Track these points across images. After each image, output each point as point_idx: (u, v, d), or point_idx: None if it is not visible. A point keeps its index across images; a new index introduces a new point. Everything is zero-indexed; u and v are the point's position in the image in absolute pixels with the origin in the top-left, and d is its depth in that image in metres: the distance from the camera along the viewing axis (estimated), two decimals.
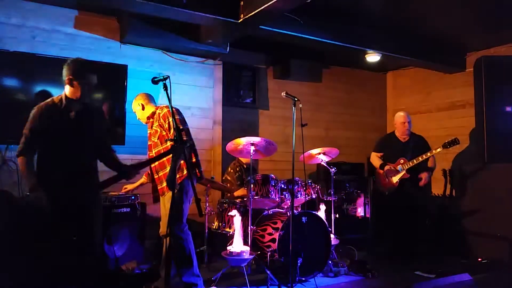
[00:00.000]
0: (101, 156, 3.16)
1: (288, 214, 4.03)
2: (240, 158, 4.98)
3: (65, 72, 2.93)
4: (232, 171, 5.02)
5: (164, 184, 3.48)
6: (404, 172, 4.74)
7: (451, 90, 6.27)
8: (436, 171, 5.21)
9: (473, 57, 5.65)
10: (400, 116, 4.99)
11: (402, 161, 4.76)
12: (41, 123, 2.86)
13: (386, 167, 4.86)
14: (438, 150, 4.59)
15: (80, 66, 2.95)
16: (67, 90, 2.95)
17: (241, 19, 4.17)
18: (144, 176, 4.00)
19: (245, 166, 5.01)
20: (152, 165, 3.56)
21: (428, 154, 4.64)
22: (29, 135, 2.86)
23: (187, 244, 3.48)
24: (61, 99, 2.95)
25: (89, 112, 3.05)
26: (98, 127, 3.13)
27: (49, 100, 2.98)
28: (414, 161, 4.68)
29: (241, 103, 6.09)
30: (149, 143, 3.64)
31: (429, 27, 5.10)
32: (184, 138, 3.25)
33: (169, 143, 3.31)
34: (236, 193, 4.80)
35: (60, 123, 2.91)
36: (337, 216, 4.79)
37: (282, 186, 4.38)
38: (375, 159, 5.06)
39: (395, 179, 4.78)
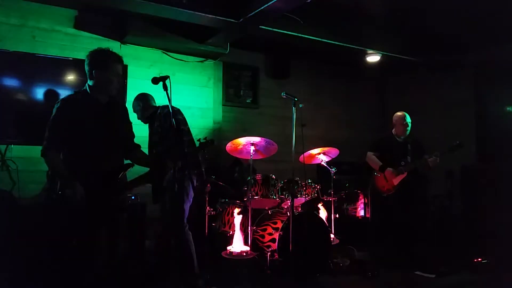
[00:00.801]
0: (129, 153, 3.00)
1: (288, 214, 4.03)
2: None
3: (86, 66, 2.74)
4: None
5: None
6: (405, 173, 4.71)
7: (451, 90, 6.26)
8: (436, 171, 5.20)
9: (472, 57, 5.65)
10: (399, 116, 4.94)
11: (403, 162, 4.73)
12: (67, 114, 2.63)
13: (387, 170, 4.81)
14: (442, 154, 4.51)
15: (99, 56, 2.74)
16: (91, 83, 2.74)
17: (241, 19, 4.17)
18: None
19: None
20: None
21: (434, 157, 4.53)
22: (54, 129, 2.61)
23: (188, 244, 3.48)
24: (85, 90, 2.76)
25: (115, 106, 2.87)
26: (124, 122, 2.95)
27: (72, 93, 2.83)
28: (417, 163, 4.63)
29: (241, 103, 6.10)
30: (149, 143, 3.64)
31: (429, 27, 5.10)
32: (184, 139, 3.26)
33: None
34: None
35: (87, 113, 2.68)
36: (337, 216, 4.78)
37: (282, 186, 4.38)
38: (374, 160, 4.99)
39: (396, 180, 4.76)
